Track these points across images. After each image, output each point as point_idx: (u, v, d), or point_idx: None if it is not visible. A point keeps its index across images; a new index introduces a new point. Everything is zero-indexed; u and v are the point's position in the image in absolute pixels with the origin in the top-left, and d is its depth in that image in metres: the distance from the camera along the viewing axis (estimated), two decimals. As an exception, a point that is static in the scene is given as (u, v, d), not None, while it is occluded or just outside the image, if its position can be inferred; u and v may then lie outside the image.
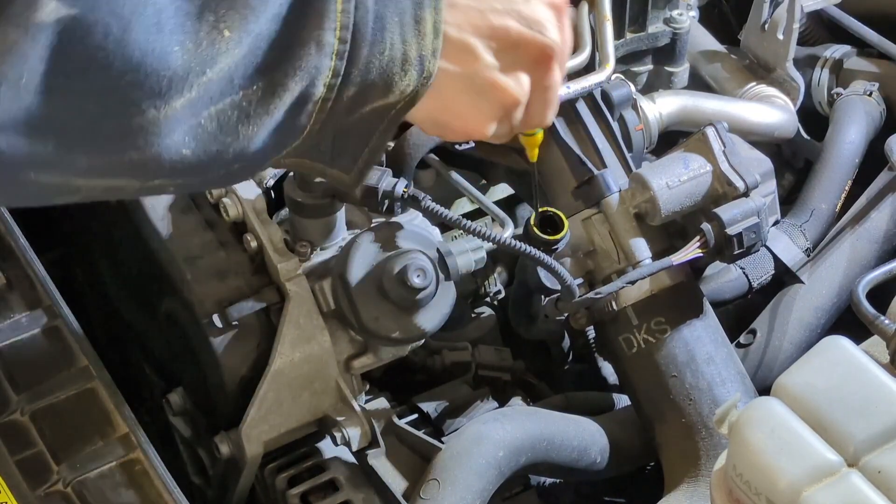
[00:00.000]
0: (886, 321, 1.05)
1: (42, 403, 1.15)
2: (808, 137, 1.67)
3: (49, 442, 1.13)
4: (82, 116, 0.71)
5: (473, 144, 1.35)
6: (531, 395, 1.45)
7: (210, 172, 0.79)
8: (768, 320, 1.44)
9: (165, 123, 0.73)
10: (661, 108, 1.53)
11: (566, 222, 1.23)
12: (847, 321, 1.37)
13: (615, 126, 1.41)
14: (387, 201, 1.15)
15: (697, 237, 1.25)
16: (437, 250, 1.21)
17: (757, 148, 1.43)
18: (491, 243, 1.17)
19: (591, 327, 1.41)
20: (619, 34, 1.55)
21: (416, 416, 1.35)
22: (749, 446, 0.88)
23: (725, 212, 1.25)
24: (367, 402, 1.28)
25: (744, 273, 1.46)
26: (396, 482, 1.23)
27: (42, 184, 0.74)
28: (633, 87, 1.46)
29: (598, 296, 1.25)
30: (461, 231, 1.24)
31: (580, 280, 1.30)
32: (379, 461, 1.24)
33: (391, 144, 1.32)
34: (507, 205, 1.52)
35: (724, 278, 1.45)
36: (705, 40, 1.74)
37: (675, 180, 1.27)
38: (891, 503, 0.84)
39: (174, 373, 1.37)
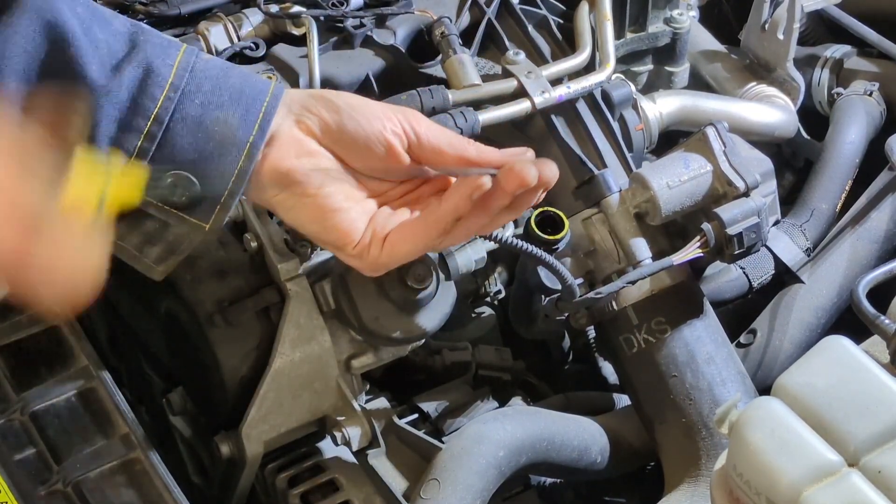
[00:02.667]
0: (887, 321, 1.05)
1: (42, 403, 1.15)
2: (809, 137, 1.67)
3: (49, 442, 1.13)
4: None
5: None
6: (531, 394, 1.45)
7: None
8: (768, 320, 1.44)
9: None
10: (661, 107, 1.53)
11: (566, 222, 1.23)
12: (847, 321, 1.37)
13: (615, 126, 1.41)
14: (387, 201, 1.14)
15: (698, 237, 1.25)
16: (438, 250, 1.21)
17: (757, 148, 1.43)
18: (492, 242, 1.17)
19: (592, 327, 1.40)
20: (619, 34, 1.55)
21: (416, 415, 1.35)
22: (749, 446, 0.88)
23: (726, 212, 1.25)
24: (367, 401, 1.28)
25: (744, 273, 1.46)
26: (397, 482, 1.23)
27: None
28: (633, 87, 1.46)
29: (599, 296, 1.25)
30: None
31: (580, 280, 1.30)
32: (379, 461, 1.24)
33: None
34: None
35: (724, 278, 1.45)
36: (705, 40, 1.74)
37: (676, 180, 1.27)
38: (891, 503, 0.84)
39: (174, 373, 1.37)
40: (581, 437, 1.30)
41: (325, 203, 0.97)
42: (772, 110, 1.62)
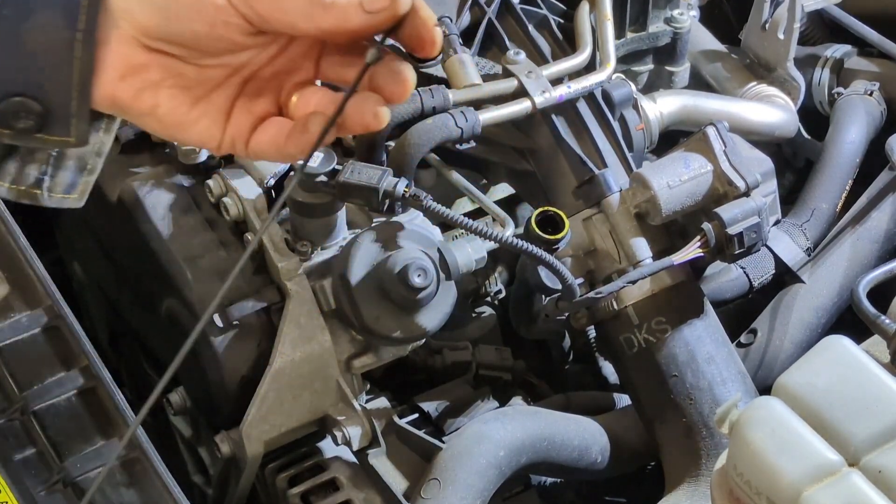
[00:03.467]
0: (887, 321, 1.05)
1: (42, 403, 1.15)
2: (809, 137, 1.68)
3: (49, 441, 1.13)
4: None
5: (475, 144, 1.35)
6: (532, 394, 1.45)
7: None
8: (769, 320, 1.44)
9: None
10: (661, 107, 1.53)
11: (567, 222, 1.23)
12: (848, 321, 1.37)
13: (616, 126, 1.41)
14: (387, 201, 1.15)
15: (698, 237, 1.25)
16: (438, 250, 1.21)
17: (757, 147, 1.43)
18: (492, 242, 1.17)
19: (592, 327, 1.40)
20: (619, 34, 1.55)
21: (416, 415, 1.35)
22: (750, 446, 0.88)
23: (726, 211, 1.25)
24: (367, 401, 1.28)
25: (744, 273, 1.46)
26: (397, 482, 1.23)
27: None
28: (633, 87, 1.46)
29: (599, 295, 1.25)
30: (462, 230, 1.25)
31: (581, 280, 1.30)
32: (379, 461, 1.24)
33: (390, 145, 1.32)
34: (508, 204, 1.52)
35: (724, 278, 1.45)
36: (706, 40, 1.74)
37: (676, 180, 1.27)
38: (891, 503, 0.84)
39: (174, 373, 1.37)
40: (581, 436, 1.30)
41: (165, 121, 0.83)
42: (772, 110, 1.62)
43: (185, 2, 0.78)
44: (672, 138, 1.49)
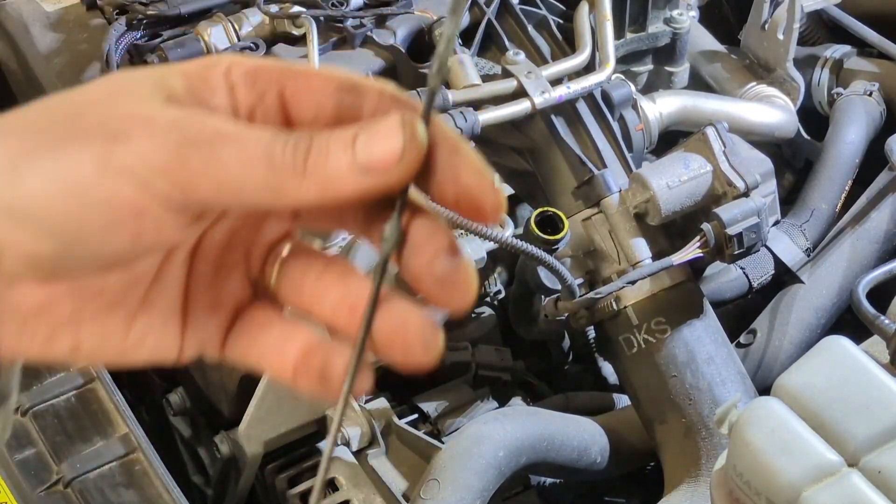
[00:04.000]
0: (886, 321, 1.05)
1: (42, 403, 1.15)
2: (809, 137, 1.67)
3: (49, 442, 1.13)
4: None
5: (474, 144, 1.35)
6: (531, 395, 1.45)
7: None
8: (768, 320, 1.44)
9: None
10: (661, 107, 1.53)
11: (566, 222, 1.23)
12: (847, 321, 1.37)
13: (615, 126, 1.41)
14: (387, 201, 1.14)
15: (698, 237, 1.25)
16: (437, 250, 1.21)
17: (757, 148, 1.43)
18: (491, 243, 1.17)
19: (591, 327, 1.40)
20: (619, 34, 1.55)
21: (416, 415, 1.35)
22: (749, 446, 0.88)
23: (726, 212, 1.25)
24: (367, 401, 1.28)
25: (744, 273, 1.46)
26: (396, 482, 1.23)
27: None
28: (633, 87, 1.46)
29: (599, 296, 1.25)
30: (461, 230, 1.25)
31: (580, 280, 1.30)
32: (379, 461, 1.24)
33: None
34: (508, 204, 1.52)
35: (724, 278, 1.45)
36: (705, 40, 1.74)
37: (676, 180, 1.27)
38: (891, 503, 0.84)
39: (174, 373, 1.37)
40: (581, 437, 1.30)
41: (97, 357, 0.57)
42: (772, 110, 1.62)
43: (90, 219, 0.51)
44: (671, 139, 1.49)
